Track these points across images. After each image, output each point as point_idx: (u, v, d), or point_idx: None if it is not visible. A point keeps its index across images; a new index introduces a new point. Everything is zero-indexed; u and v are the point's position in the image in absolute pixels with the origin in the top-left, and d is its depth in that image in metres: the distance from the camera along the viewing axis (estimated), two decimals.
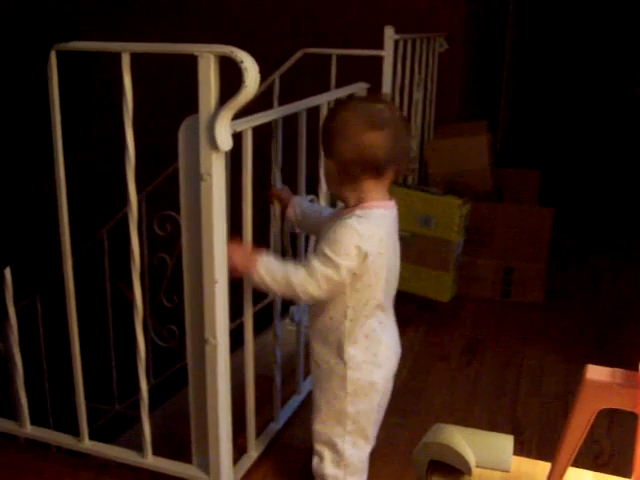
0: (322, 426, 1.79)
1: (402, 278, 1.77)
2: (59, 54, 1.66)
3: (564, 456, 0.87)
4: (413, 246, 3.05)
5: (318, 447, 1.82)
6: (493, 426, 2.31)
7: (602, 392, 0.80)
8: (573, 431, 0.84)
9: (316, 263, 1.59)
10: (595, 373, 0.80)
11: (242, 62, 1.45)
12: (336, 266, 1.56)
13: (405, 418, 2.33)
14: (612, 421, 2.33)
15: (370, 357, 1.72)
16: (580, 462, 1.00)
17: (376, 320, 1.71)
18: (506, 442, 1.08)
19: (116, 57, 1.63)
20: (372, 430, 1.81)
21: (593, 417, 0.82)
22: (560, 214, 3.42)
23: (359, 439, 1.80)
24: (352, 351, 1.70)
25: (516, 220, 3.30)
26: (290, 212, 1.92)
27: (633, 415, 0.84)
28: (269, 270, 1.63)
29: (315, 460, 1.83)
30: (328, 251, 1.57)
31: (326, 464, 1.81)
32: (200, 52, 1.50)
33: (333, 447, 1.79)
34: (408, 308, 2.99)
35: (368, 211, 1.62)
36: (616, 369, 0.81)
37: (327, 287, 1.60)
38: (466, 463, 1.01)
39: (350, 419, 1.76)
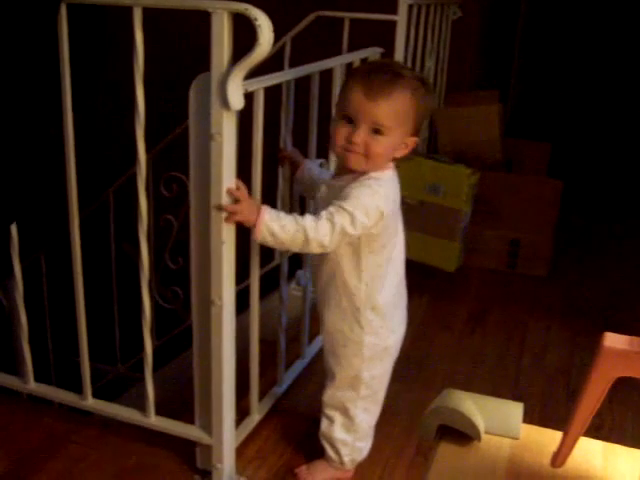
0: (335, 392, 1.79)
1: (408, 246, 1.75)
2: (70, 7, 1.63)
3: (577, 424, 0.86)
4: (420, 214, 3.04)
5: (328, 412, 1.82)
6: (495, 396, 2.31)
7: (620, 360, 0.79)
8: (588, 399, 0.83)
9: (333, 210, 1.53)
10: (613, 341, 0.79)
11: (256, 20, 1.42)
12: (353, 218, 1.52)
13: (407, 386, 2.33)
14: (614, 394, 2.32)
15: (387, 322, 1.71)
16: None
17: (391, 283, 1.70)
18: (516, 409, 1.07)
19: (128, 11, 1.60)
20: (383, 395, 1.82)
21: (609, 385, 0.81)
22: (569, 187, 3.40)
23: (371, 404, 1.80)
24: (370, 316, 1.69)
25: (524, 192, 3.28)
26: (299, 175, 1.90)
27: (636, 390, 0.83)
28: (277, 216, 1.56)
29: (324, 423, 1.84)
30: (345, 204, 1.53)
31: (336, 428, 1.81)
32: (214, 8, 1.47)
33: (345, 412, 1.79)
34: (413, 276, 2.96)
35: (381, 173, 1.60)
36: (634, 337, 0.80)
37: (338, 238, 1.54)
38: (476, 429, 1.01)
39: (364, 384, 1.76)
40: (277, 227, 1.54)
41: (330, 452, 1.85)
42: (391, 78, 1.55)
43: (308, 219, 1.54)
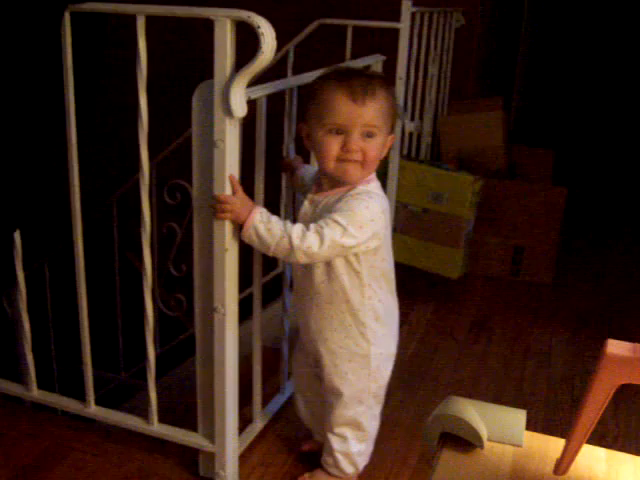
0: (344, 411, 1.75)
1: (412, 254, 1.76)
2: (73, 15, 1.64)
3: (580, 432, 0.85)
4: (424, 222, 3.03)
5: (339, 430, 1.78)
6: (498, 403, 2.31)
7: (622, 367, 0.78)
8: (591, 406, 0.82)
9: (323, 224, 1.51)
10: (616, 347, 0.79)
11: (259, 27, 1.42)
12: (345, 230, 1.50)
13: (411, 394, 2.33)
14: (618, 403, 2.32)
15: (388, 330, 1.73)
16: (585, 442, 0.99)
17: (388, 292, 1.71)
18: (519, 417, 1.07)
19: (131, 20, 1.61)
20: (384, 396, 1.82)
21: (612, 393, 0.81)
22: (573, 194, 3.40)
23: (378, 409, 1.80)
24: (374, 326, 1.69)
25: (528, 199, 3.28)
26: (293, 180, 1.90)
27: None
28: (267, 219, 1.54)
29: (337, 442, 1.79)
30: (338, 217, 1.51)
31: (351, 443, 1.79)
32: (217, 16, 1.47)
33: (357, 426, 1.77)
34: (417, 284, 2.98)
35: (368, 185, 1.60)
36: (637, 344, 0.79)
37: (329, 251, 1.51)
38: (479, 436, 1.00)
39: (372, 396, 1.75)
40: (264, 229, 1.53)
41: (345, 465, 1.81)
42: (368, 79, 1.55)
43: (297, 227, 1.53)
